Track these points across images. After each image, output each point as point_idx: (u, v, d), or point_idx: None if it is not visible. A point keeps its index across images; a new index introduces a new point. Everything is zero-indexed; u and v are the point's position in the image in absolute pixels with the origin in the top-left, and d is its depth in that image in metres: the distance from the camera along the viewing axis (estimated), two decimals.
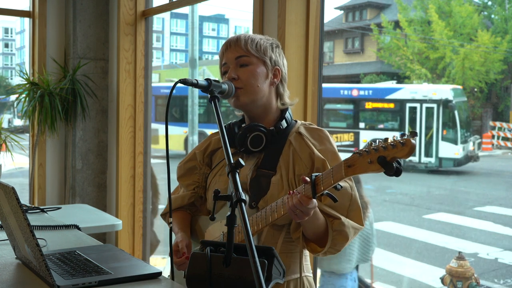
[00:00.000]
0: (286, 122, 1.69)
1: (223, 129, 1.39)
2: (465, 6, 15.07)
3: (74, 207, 3.65)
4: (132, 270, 1.53)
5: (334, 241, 1.56)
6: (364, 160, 1.28)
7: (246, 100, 1.65)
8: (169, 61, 37.17)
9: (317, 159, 1.61)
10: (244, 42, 1.66)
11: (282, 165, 1.64)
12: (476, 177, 11.73)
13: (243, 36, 1.69)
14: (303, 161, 1.63)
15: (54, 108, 4.13)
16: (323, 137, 1.68)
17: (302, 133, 1.68)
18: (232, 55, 1.67)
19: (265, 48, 1.68)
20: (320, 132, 1.70)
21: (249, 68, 1.66)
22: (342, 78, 18.97)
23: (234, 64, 1.66)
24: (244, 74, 1.65)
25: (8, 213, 1.48)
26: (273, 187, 1.62)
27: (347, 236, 1.57)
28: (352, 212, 1.60)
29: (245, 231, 1.14)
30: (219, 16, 38.30)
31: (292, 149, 1.66)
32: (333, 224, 1.55)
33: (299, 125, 1.72)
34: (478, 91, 14.94)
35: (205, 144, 1.82)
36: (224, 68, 1.69)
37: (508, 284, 5.65)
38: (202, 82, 1.51)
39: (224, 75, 1.70)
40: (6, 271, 1.54)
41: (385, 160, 1.23)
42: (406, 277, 6.04)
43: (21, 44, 31.96)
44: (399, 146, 1.21)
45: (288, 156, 1.65)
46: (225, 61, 1.68)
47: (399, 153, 1.21)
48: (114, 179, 4.30)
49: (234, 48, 1.67)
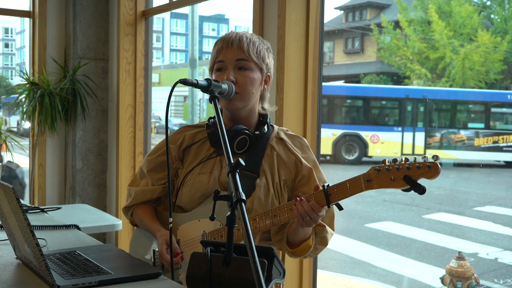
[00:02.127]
0: (267, 126, 1.73)
1: (223, 129, 1.39)
2: (465, 6, 15.07)
3: (74, 207, 3.65)
4: (132, 270, 1.53)
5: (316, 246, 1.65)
6: (386, 176, 1.38)
7: (240, 106, 1.67)
8: (169, 61, 37.16)
9: (304, 167, 1.69)
10: (247, 45, 1.66)
11: (266, 168, 1.68)
12: (476, 177, 11.73)
13: (245, 38, 1.67)
14: (288, 167, 1.69)
15: (54, 108, 4.13)
16: (304, 145, 1.75)
17: (284, 139, 1.73)
18: (232, 56, 1.66)
19: (263, 55, 1.70)
20: (301, 140, 1.76)
21: (248, 73, 1.66)
22: (342, 78, 18.97)
23: (233, 66, 1.66)
24: (242, 78, 1.65)
25: (8, 213, 1.48)
26: (258, 190, 1.65)
27: (327, 242, 1.66)
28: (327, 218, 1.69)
29: (245, 231, 1.14)
30: (219, 16, 38.30)
31: (275, 154, 1.70)
32: (317, 230, 1.64)
33: (277, 130, 1.77)
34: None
35: (179, 139, 1.80)
36: (219, 65, 1.68)
37: (508, 284, 5.64)
38: (202, 82, 1.51)
39: (217, 71, 1.68)
40: (6, 271, 1.54)
41: (411, 179, 1.35)
42: (406, 277, 6.04)
43: (21, 44, 31.94)
44: (425, 168, 1.34)
45: (272, 161, 1.69)
46: (223, 59, 1.67)
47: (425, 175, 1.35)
48: (114, 179, 4.31)
49: (236, 49, 1.66)
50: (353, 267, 6.24)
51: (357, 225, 7.81)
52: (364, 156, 11.14)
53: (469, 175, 11.90)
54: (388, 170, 1.37)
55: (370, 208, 8.72)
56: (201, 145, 1.78)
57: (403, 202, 9.38)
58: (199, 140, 1.78)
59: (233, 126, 1.69)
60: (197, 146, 1.78)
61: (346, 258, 6.46)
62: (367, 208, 8.68)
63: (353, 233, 7.40)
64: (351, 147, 11.18)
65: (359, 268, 6.19)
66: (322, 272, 5.75)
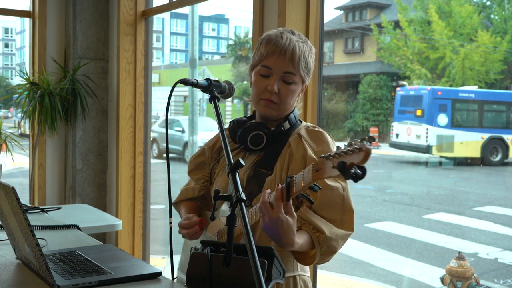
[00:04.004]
0: (290, 123, 1.68)
1: (223, 129, 1.39)
2: (465, 6, 15.07)
3: (74, 207, 3.65)
4: (132, 270, 1.53)
5: (322, 256, 1.54)
6: (329, 164, 1.22)
7: (276, 115, 1.66)
8: (169, 61, 37.16)
9: (309, 159, 1.59)
10: (298, 59, 1.60)
11: (278, 166, 1.64)
12: (476, 177, 11.73)
13: (298, 49, 1.60)
14: (297, 162, 1.62)
15: (54, 108, 4.13)
16: (321, 139, 1.66)
17: (302, 135, 1.67)
18: (282, 67, 1.60)
19: (310, 66, 1.66)
20: (319, 134, 1.67)
21: (291, 87, 1.63)
22: (342, 78, 18.97)
23: (279, 76, 1.61)
24: (285, 91, 1.62)
25: (8, 213, 1.48)
26: (266, 186, 1.62)
27: (334, 249, 1.55)
28: (345, 215, 1.59)
29: (245, 231, 1.14)
30: (219, 16, 38.29)
31: (289, 150, 1.65)
32: (320, 240, 1.52)
33: (301, 126, 1.71)
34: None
35: (214, 140, 1.84)
36: (265, 71, 1.62)
37: (508, 284, 5.64)
38: (202, 82, 1.51)
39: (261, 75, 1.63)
40: (6, 271, 1.54)
41: (344, 166, 1.16)
42: (406, 277, 6.04)
43: (21, 44, 31.96)
44: (355, 151, 1.14)
45: (285, 157, 1.65)
46: (271, 66, 1.61)
47: (355, 159, 1.14)
48: (114, 179, 4.30)
49: (288, 60, 1.60)
50: (353, 267, 6.24)
51: (357, 225, 7.76)
52: (505, 158, 11.18)
53: (469, 175, 11.89)
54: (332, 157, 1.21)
55: (370, 208, 8.72)
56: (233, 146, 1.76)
57: (403, 202, 9.38)
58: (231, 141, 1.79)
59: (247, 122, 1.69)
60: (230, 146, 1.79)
61: (346, 258, 6.46)
62: (367, 208, 8.68)
63: (353, 233, 7.39)
64: (494, 150, 11.20)
65: (359, 268, 6.19)
66: (322, 272, 5.75)
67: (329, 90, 18.11)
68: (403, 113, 11.94)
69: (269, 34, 1.66)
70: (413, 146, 11.53)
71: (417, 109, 11.49)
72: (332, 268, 6.03)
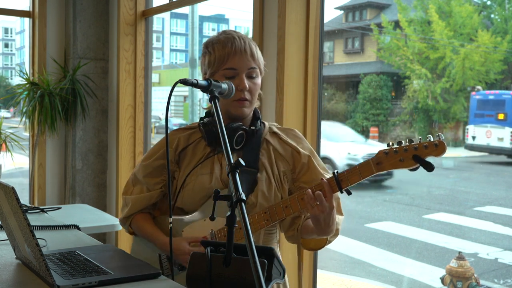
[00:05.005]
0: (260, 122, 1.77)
1: (223, 129, 1.39)
2: (465, 6, 15.07)
3: (74, 207, 3.65)
4: (132, 270, 1.53)
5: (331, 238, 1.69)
6: (395, 158, 1.44)
7: (248, 112, 1.72)
8: (169, 61, 37.17)
9: (302, 155, 1.73)
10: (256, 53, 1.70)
11: (264, 162, 1.72)
12: (476, 177, 11.73)
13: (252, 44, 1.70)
14: (286, 158, 1.74)
15: (54, 108, 4.13)
16: (298, 136, 1.80)
17: (277, 132, 1.78)
18: (245, 64, 1.67)
19: (261, 58, 1.74)
20: (293, 132, 1.81)
21: (256, 81, 1.71)
22: (342, 78, 18.97)
23: (245, 74, 1.68)
24: (253, 86, 1.70)
25: (8, 213, 1.48)
26: (261, 184, 1.68)
27: (338, 232, 1.69)
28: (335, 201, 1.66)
29: (245, 231, 1.14)
30: (219, 16, 38.30)
31: (272, 148, 1.74)
32: None
33: (268, 125, 1.81)
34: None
35: (174, 142, 1.80)
36: (231, 73, 1.67)
37: (508, 284, 5.64)
38: (202, 82, 1.51)
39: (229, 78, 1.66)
40: (6, 271, 1.54)
41: (420, 158, 1.41)
42: (406, 277, 6.04)
43: (21, 44, 31.96)
44: (432, 147, 1.40)
45: (269, 154, 1.73)
46: (235, 67, 1.67)
47: (433, 153, 1.41)
48: (114, 179, 4.31)
49: (250, 57, 1.68)
50: (353, 267, 6.24)
51: (357, 225, 7.81)
52: None
53: (469, 175, 11.90)
54: (396, 152, 1.44)
55: (370, 208, 8.72)
56: (196, 145, 1.78)
57: (403, 202, 9.38)
58: (194, 141, 1.79)
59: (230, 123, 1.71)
60: (193, 147, 1.79)
61: (346, 258, 6.46)
62: (367, 208, 8.68)
63: (353, 233, 7.40)
64: None
65: (359, 268, 6.19)
66: (322, 272, 5.75)
67: (329, 90, 18.10)
68: (481, 117, 12.40)
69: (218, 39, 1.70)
70: (494, 149, 12.07)
71: (499, 113, 12.01)
72: (332, 268, 6.03)
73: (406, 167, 1.44)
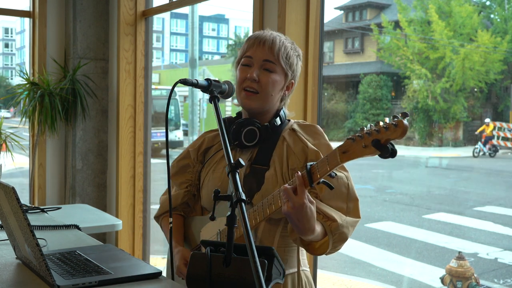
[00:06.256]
0: (280, 119, 1.71)
1: (223, 129, 1.39)
2: (465, 6, 15.07)
3: (74, 207, 3.65)
4: (132, 270, 1.53)
5: (334, 243, 1.57)
6: (358, 145, 1.29)
7: (257, 106, 1.66)
8: (169, 61, 37.18)
9: (310, 151, 1.63)
10: (278, 49, 1.64)
11: (275, 159, 1.66)
12: (476, 177, 11.73)
13: (278, 41, 1.66)
14: (296, 155, 1.64)
15: (54, 108, 4.13)
16: (316, 132, 1.69)
17: (296, 129, 1.70)
18: (261, 55, 1.65)
19: (292, 61, 1.68)
20: (313, 128, 1.71)
21: (272, 75, 1.65)
22: (342, 78, 18.97)
23: (259, 65, 1.65)
24: (265, 79, 1.64)
25: (8, 213, 1.48)
26: (267, 182, 1.63)
27: (346, 236, 1.59)
28: (351, 203, 1.62)
29: (245, 231, 1.14)
30: (219, 16, 38.32)
31: (286, 144, 1.67)
32: (332, 228, 1.55)
33: (292, 122, 1.74)
34: (478, 91, 14.94)
35: (199, 142, 1.82)
36: (246, 61, 1.67)
37: (508, 284, 5.65)
38: (202, 82, 1.51)
39: (242, 65, 1.67)
40: (6, 271, 1.54)
41: (379, 143, 1.25)
42: (406, 277, 6.04)
43: (21, 44, 31.98)
44: (391, 128, 1.23)
45: (282, 151, 1.66)
46: (251, 55, 1.66)
47: (392, 135, 1.23)
48: (114, 179, 4.31)
49: (267, 49, 1.64)
50: (353, 267, 6.24)
51: (357, 225, 7.80)
52: None
53: (469, 175, 11.90)
54: (361, 138, 1.29)
55: (370, 208, 8.73)
56: (220, 146, 1.77)
57: (403, 202, 9.39)
58: (218, 142, 1.78)
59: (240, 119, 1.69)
60: (216, 147, 1.78)
61: (346, 258, 6.46)
62: (367, 208, 8.68)
63: (353, 233, 7.39)
64: None
65: (359, 268, 6.19)
66: (322, 272, 5.75)
67: (329, 90, 18.11)
68: None
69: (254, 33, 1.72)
70: None
71: None
72: (332, 268, 6.03)
73: (369, 154, 1.28)
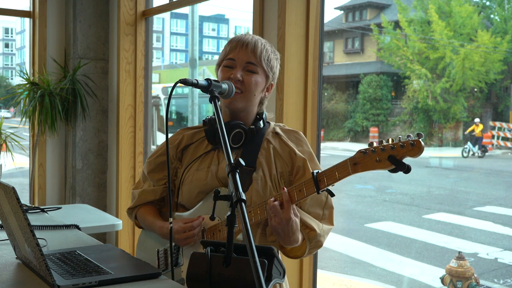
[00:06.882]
0: (263, 122, 1.77)
1: (223, 128, 1.39)
2: (465, 6, 15.08)
3: (74, 207, 3.65)
4: (132, 270, 1.53)
5: (310, 250, 1.68)
6: (372, 158, 1.38)
7: (241, 105, 1.71)
8: (169, 61, 37.17)
9: (298, 158, 1.71)
10: (260, 52, 1.70)
11: (262, 161, 1.71)
12: (476, 177, 11.73)
13: (260, 44, 1.72)
14: (284, 159, 1.72)
15: (54, 108, 4.13)
16: (299, 139, 1.78)
17: (279, 133, 1.77)
18: (244, 57, 1.69)
19: (273, 64, 1.75)
20: (297, 134, 1.79)
21: (255, 77, 1.70)
22: (342, 78, 18.98)
23: (242, 67, 1.69)
24: (248, 79, 1.69)
25: (9, 213, 1.49)
26: (256, 183, 1.67)
27: (321, 244, 1.69)
28: (327, 210, 1.71)
29: (245, 231, 1.14)
30: (219, 16, 38.30)
31: (272, 147, 1.74)
32: (310, 236, 1.65)
33: (273, 125, 1.81)
34: (478, 91, 14.95)
35: (178, 139, 1.83)
36: (229, 63, 1.71)
37: (508, 284, 5.65)
38: (202, 82, 1.51)
39: (225, 67, 1.71)
40: (6, 271, 1.54)
41: (395, 158, 1.34)
42: (406, 277, 6.04)
43: (21, 44, 31.97)
44: (408, 146, 1.33)
45: (269, 154, 1.72)
46: (234, 58, 1.70)
47: (409, 153, 1.33)
48: (114, 179, 4.31)
49: (250, 52, 1.70)
50: (353, 267, 6.24)
51: (357, 225, 7.81)
52: None
53: (469, 175, 11.90)
54: (374, 152, 1.38)
55: (370, 208, 8.72)
56: (199, 144, 1.80)
57: (403, 202, 9.38)
58: (197, 140, 1.81)
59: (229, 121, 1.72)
60: (195, 145, 1.81)
61: (346, 258, 6.46)
62: (367, 208, 8.68)
63: (353, 233, 7.40)
64: None
65: (359, 268, 6.19)
66: (322, 272, 5.76)
67: (329, 90, 18.11)
68: None
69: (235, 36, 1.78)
70: None
71: None
72: (332, 268, 6.03)
73: (382, 168, 1.37)
